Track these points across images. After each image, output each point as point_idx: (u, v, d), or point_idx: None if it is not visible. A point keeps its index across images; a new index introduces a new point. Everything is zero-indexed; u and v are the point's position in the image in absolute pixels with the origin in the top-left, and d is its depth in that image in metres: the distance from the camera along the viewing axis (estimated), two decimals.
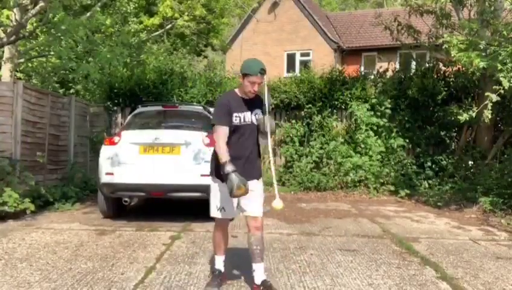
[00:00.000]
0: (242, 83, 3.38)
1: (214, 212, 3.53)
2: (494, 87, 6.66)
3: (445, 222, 6.51)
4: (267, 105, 3.45)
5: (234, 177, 3.15)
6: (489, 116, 6.57)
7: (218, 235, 3.60)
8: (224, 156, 3.23)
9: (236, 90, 3.51)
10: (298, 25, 19.55)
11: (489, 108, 6.53)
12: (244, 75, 3.33)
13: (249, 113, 3.41)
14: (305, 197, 8.88)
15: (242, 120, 3.38)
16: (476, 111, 6.69)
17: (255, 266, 3.43)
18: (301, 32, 19.51)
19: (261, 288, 3.39)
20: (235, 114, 3.35)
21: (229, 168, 3.19)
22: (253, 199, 3.41)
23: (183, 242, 4.99)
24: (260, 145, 3.55)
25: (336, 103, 10.01)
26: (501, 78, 6.44)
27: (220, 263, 3.62)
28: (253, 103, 3.45)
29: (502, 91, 6.52)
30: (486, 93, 6.69)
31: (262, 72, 3.31)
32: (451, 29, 9.19)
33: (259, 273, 3.42)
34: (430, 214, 7.17)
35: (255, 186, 3.43)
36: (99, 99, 10.93)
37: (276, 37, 19.62)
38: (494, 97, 6.49)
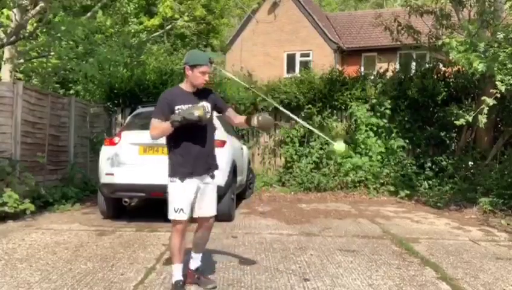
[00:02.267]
0: (188, 76, 3.36)
1: (172, 214, 3.33)
2: (491, 90, 6.67)
3: (445, 222, 6.51)
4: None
5: (186, 109, 3.14)
6: (484, 121, 6.52)
7: (177, 240, 3.33)
8: (164, 123, 3.21)
9: (181, 84, 3.47)
10: (298, 26, 19.55)
11: (485, 112, 6.50)
12: (193, 66, 3.29)
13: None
14: (305, 197, 8.88)
15: None
16: (473, 115, 6.68)
17: (194, 255, 3.57)
18: (301, 33, 19.50)
19: (195, 274, 3.57)
20: (177, 107, 3.28)
21: (174, 116, 3.16)
22: (207, 200, 3.43)
23: None
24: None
25: (336, 103, 10.01)
26: (497, 82, 6.44)
27: (179, 273, 3.38)
28: (200, 95, 3.39)
29: (498, 95, 6.52)
30: (482, 98, 6.68)
31: (212, 61, 3.34)
32: (451, 30, 9.20)
33: (195, 262, 3.58)
34: (430, 214, 7.17)
35: (208, 186, 3.42)
36: (99, 99, 10.92)
37: (276, 38, 19.62)
38: (491, 101, 6.48)
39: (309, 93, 10.06)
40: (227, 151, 6.21)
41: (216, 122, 6.54)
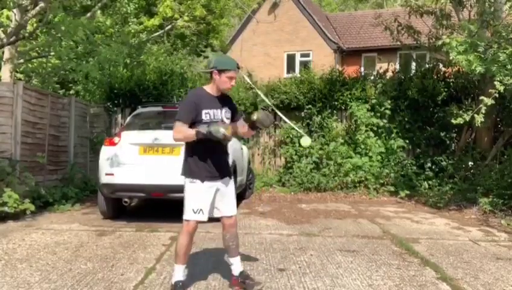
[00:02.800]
0: (215, 80, 3.35)
1: (190, 215, 3.35)
2: (490, 90, 6.67)
3: (445, 222, 6.51)
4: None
5: (214, 126, 3.14)
6: (481, 120, 6.51)
7: (186, 241, 3.34)
8: (190, 130, 3.24)
9: (205, 87, 3.48)
10: (298, 26, 19.56)
11: (483, 112, 6.49)
12: (222, 71, 3.30)
13: (219, 110, 3.40)
14: (305, 197, 8.88)
15: (212, 117, 3.34)
16: (471, 115, 6.68)
17: (232, 260, 3.51)
18: (301, 33, 19.51)
19: (239, 279, 3.48)
20: (204, 111, 3.32)
21: (202, 128, 3.18)
22: (227, 200, 3.47)
23: None
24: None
25: (336, 103, 10.01)
26: (495, 83, 6.44)
27: (180, 274, 3.36)
28: (223, 100, 3.45)
29: (497, 95, 6.52)
30: (481, 97, 6.68)
31: (239, 67, 3.37)
32: (451, 30, 9.20)
33: (236, 266, 3.51)
34: (430, 214, 7.17)
35: (228, 186, 3.48)
36: (99, 100, 10.93)
37: (276, 38, 19.63)
38: (489, 101, 6.47)
39: (309, 93, 10.06)
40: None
41: None
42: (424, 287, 3.65)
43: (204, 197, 3.36)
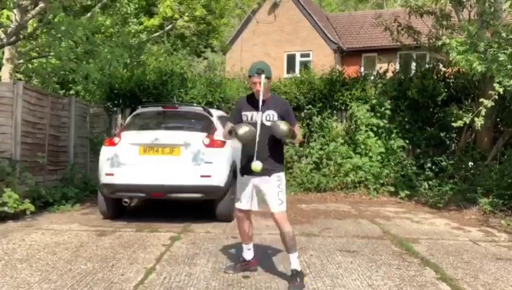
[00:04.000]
0: None
1: (236, 203, 3.86)
2: (490, 92, 6.66)
3: (445, 222, 6.51)
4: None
5: (240, 125, 3.53)
6: (481, 123, 6.51)
7: (239, 225, 3.90)
8: (225, 130, 3.73)
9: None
10: (298, 26, 19.57)
11: (483, 114, 6.49)
12: (249, 77, 3.67)
13: (256, 113, 3.61)
14: (305, 198, 8.88)
15: (249, 119, 3.65)
16: (471, 117, 6.68)
17: (289, 255, 3.70)
18: (301, 33, 19.52)
19: (290, 275, 3.67)
20: (243, 112, 3.70)
21: (234, 127, 3.55)
22: (267, 197, 3.67)
23: (183, 243, 4.98)
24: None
25: (336, 103, 10.01)
26: (495, 84, 6.44)
27: (244, 251, 3.96)
28: (266, 104, 3.63)
29: (496, 96, 6.52)
30: (480, 99, 6.68)
31: (259, 71, 3.55)
32: (451, 30, 9.20)
33: (293, 262, 3.63)
34: (430, 215, 7.17)
35: (265, 184, 3.64)
36: (100, 100, 10.93)
37: (276, 38, 19.63)
38: (489, 103, 6.47)
39: (309, 93, 10.06)
40: (227, 151, 6.20)
41: (216, 121, 6.58)
42: (424, 288, 3.65)
43: (242, 189, 3.78)
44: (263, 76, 3.54)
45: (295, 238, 3.73)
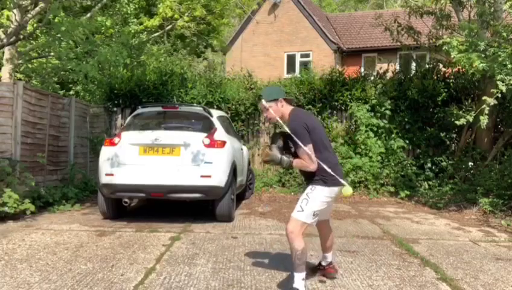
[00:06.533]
0: None
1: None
2: (492, 90, 6.66)
3: (445, 223, 6.51)
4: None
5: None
6: (486, 121, 6.53)
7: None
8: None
9: None
10: (298, 26, 19.57)
11: (486, 112, 6.51)
12: None
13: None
14: None
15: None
16: (474, 115, 6.68)
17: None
18: (301, 34, 19.53)
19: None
20: None
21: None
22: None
23: (183, 243, 4.98)
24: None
25: (336, 104, 10.01)
26: (497, 82, 6.45)
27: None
28: (288, 127, 3.47)
29: (499, 94, 6.52)
30: (483, 98, 6.69)
31: (260, 97, 3.57)
32: (451, 31, 9.20)
33: (294, 280, 3.36)
34: (430, 215, 7.17)
35: (303, 194, 3.47)
36: (99, 100, 10.93)
37: (276, 38, 19.64)
38: (492, 101, 6.48)
39: (309, 93, 10.06)
40: (227, 151, 6.21)
41: (216, 121, 6.58)
42: (424, 288, 3.65)
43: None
44: (262, 101, 3.52)
45: (305, 258, 3.35)
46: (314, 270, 3.91)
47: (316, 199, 3.37)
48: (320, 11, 25.25)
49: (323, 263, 3.88)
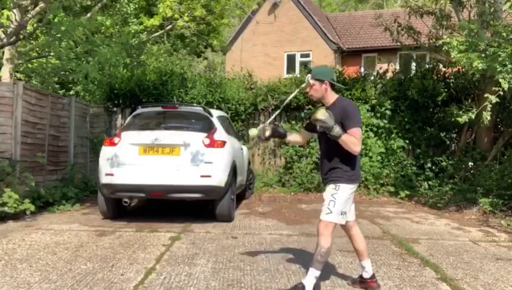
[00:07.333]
0: None
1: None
2: (493, 88, 6.66)
3: (445, 223, 6.51)
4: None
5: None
6: (489, 118, 6.57)
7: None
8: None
9: None
10: (298, 26, 19.56)
11: (489, 109, 6.53)
12: None
13: None
14: (305, 198, 8.87)
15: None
16: (476, 113, 6.69)
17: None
18: (301, 33, 19.52)
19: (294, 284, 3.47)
20: None
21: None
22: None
23: (183, 243, 4.98)
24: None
25: None
26: (500, 80, 6.46)
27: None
28: (332, 110, 3.30)
29: (501, 93, 6.52)
30: (485, 95, 6.70)
31: (309, 71, 3.56)
32: (451, 31, 9.20)
33: (307, 275, 3.37)
34: (430, 215, 7.17)
35: (325, 193, 3.44)
36: (99, 100, 10.93)
37: (276, 38, 19.63)
38: (494, 98, 6.49)
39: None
40: (227, 151, 6.21)
41: (216, 121, 6.58)
42: (424, 288, 3.65)
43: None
44: (309, 76, 3.37)
45: (326, 258, 3.37)
46: (355, 282, 3.72)
47: (341, 198, 3.33)
48: (320, 11, 25.26)
49: (365, 276, 3.63)
